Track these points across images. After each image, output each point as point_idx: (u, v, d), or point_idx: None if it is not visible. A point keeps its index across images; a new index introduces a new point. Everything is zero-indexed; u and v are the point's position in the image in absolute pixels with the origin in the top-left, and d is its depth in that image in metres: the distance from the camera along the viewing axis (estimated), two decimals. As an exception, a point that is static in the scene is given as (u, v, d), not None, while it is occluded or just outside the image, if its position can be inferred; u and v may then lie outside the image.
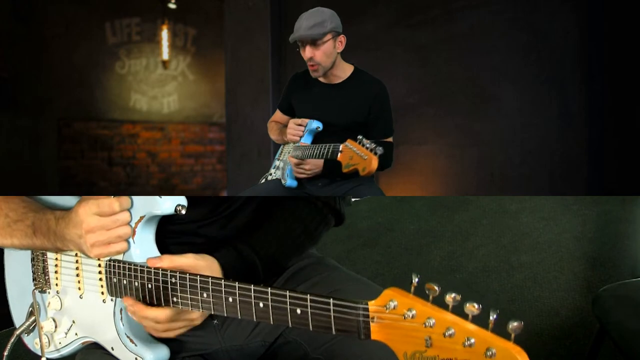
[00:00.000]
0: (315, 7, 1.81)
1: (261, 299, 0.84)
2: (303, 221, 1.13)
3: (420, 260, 2.74)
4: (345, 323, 0.76)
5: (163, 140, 5.63)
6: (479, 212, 3.11)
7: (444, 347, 0.68)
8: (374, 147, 1.39)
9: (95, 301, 1.06)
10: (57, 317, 1.13)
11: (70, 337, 1.12)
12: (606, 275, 2.47)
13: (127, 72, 5.46)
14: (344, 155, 1.50)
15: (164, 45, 5.49)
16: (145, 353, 1.01)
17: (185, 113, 5.72)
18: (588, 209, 2.93)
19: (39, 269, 1.13)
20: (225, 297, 0.88)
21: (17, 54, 4.81)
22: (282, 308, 0.81)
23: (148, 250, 1.01)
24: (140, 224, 0.99)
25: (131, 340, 1.02)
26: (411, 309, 0.71)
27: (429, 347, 0.69)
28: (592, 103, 2.50)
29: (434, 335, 0.69)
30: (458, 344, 0.67)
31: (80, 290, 1.09)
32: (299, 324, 0.80)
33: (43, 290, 1.13)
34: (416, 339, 0.70)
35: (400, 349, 0.72)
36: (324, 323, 0.78)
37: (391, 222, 3.19)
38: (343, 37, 1.77)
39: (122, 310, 1.03)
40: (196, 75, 5.74)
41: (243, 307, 0.86)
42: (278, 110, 2.07)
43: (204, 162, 5.84)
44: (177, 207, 0.96)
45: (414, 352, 0.71)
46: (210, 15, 5.48)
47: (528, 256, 2.65)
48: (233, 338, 1.13)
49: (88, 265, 1.07)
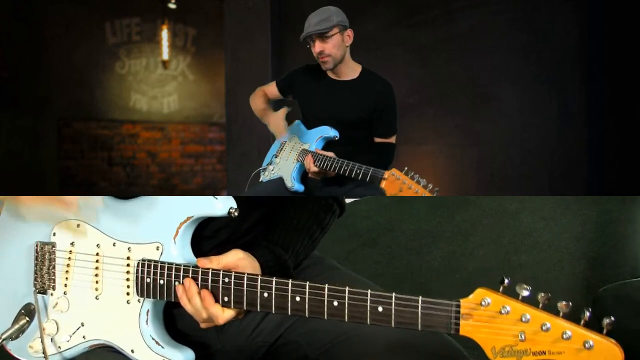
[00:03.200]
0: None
1: (336, 298, 0.85)
2: (315, 215, 1.15)
3: (420, 260, 2.74)
4: (433, 320, 0.79)
5: (163, 140, 5.63)
6: (479, 212, 3.10)
7: (537, 341, 0.74)
8: (431, 187, 1.41)
9: (117, 302, 1.03)
10: (60, 319, 1.09)
11: (75, 340, 1.08)
12: (606, 275, 2.46)
13: (127, 72, 5.46)
14: (390, 185, 1.49)
15: (164, 45, 5.49)
16: (174, 355, 1.00)
17: (185, 113, 5.72)
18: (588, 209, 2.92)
19: (42, 269, 1.09)
20: (292, 297, 0.88)
21: (17, 54, 4.81)
22: (362, 306, 0.84)
23: (185, 251, 1.00)
24: (185, 225, 0.98)
25: (157, 342, 1.00)
26: (506, 306, 0.75)
27: (522, 341, 0.74)
28: (592, 103, 2.50)
29: (528, 330, 0.74)
30: (554, 337, 0.73)
31: (98, 290, 1.05)
32: (378, 321, 0.83)
33: (44, 291, 1.10)
34: (509, 334, 0.75)
35: (489, 344, 0.77)
36: (409, 320, 0.81)
37: (391, 222, 3.19)
38: (350, 31, 1.83)
39: (148, 311, 1.01)
40: (196, 75, 5.74)
41: (312, 305, 0.87)
42: (275, 84, 2.08)
43: (204, 162, 5.84)
44: (230, 208, 0.96)
45: (504, 345, 0.76)
46: (210, 15, 5.48)
47: (528, 256, 2.65)
48: (234, 339, 1.12)
49: (112, 265, 1.04)
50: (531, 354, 0.74)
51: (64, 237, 1.08)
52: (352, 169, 1.62)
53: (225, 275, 0.93)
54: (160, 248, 1.00)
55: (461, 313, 0.78)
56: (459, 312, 0.78)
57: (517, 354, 0.75)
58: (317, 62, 1.88)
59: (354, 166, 1.62)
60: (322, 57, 1.81)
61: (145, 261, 1.00)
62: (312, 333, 1.06)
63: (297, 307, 0.88)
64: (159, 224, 1.00)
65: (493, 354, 0.76)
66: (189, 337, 1.09)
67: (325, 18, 1.77)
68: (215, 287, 0.94)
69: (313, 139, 1.85)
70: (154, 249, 1.00)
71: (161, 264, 0.98)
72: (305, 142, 1.88)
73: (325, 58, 1.81)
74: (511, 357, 0.75)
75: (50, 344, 1.09)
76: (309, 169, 1.77)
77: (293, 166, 1.86)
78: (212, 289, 0.94)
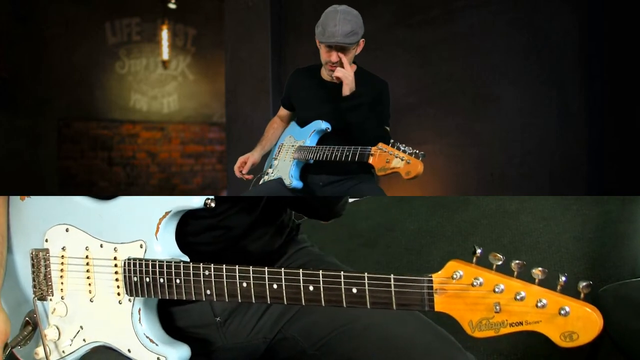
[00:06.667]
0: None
1: (311, 282, 0.84)
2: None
3: (420, 260, 2.74)
4: (407, 297, 0.78)
5: (163, 140, 5.63)
6: (479, 212, 3.10)
7: (513, 312, 0.71)
8: (416, 152, 1.42)
9: (110, 303, 1.04)
10: (60, 324, 1.09)
11: (76, 344, 1.08)
12: (606, 275, 2.46)
13: (127, 72, 5.46)
14: (377, 159, 1.50)
15: (164, 45, 5.49)
16: (168, 352, 1.00)
17: (185, 113, 5.72)
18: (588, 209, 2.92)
19: (39, 275, 1.10)
20: (269, 284, 0.88)
21: (17, 54, 4.82)
22: (337, 289, 0.83)
23: (169, 247, 1.00)
24: (164, 220, 0.99)
25: (151, 340, 1.01)
26: (478, 277, 0.73)
27: (497, 313, 0.72)
28: (592, 103, 2.50)
29: (503, 301, 0.72)
30: (529, 306, 0.70)
31: (92, 293, 1.06)
32: (354, 302, 0.82)
33: (44, 297, 1.10)
34: (484, 306, 0.73)
35: (466, 318, 0.75)
36: (384, 299, 0.79)
37: (391, 222, 3.19)
38: (363, 40, 1.78)
39: (140, 310, 1.01)
40: (196, 75, 5.74)
41: (289, 292, 0.87)
42: (281, 105, 2.08)
43: (204, 162, 5.84)
44: (206, 199, 0.97)
45: (481, 319, 0.73)
46: (210, 15, 5.48)
47: (528, 256, 2.65)
48: (235, 335, 1.13)
49: (102, 267, 1.04)
50: (508, 325, 0.72)
51: (55, 242, 1.08)
52: (342, 153, 1.63)
53: (205, 268, 0.93)
54: (143, 246, 1.00)
55: (434, 288, 0.76)
56: (432, 288, 0.76)
57: (495, 327, 0.72)
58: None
59: (344, 149, 1.63)
60: (331, 66, 1.75)
61: (131, 260, 1.00)
62: (308, 328, 1.06)
63: (275, 295, 0.88)
64: (139, 222, 1.01)
65: (471, 329, 0.74)
66: (190, 335, 1.09)
67: (354, 31, 1.70)
68: (196, 281, 0.94)
69: (307, 134, 1.84)
70: (138, 247, 1.01)
71: (146, 261, 0.98)
72: (300, 140, 1.88)
73: (334, 68, 1.74)
74: (489, 331, 0.73)
75: (54, 350, 1.10)
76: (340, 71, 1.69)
77: (290, 164, 1.87)
78: (194, 282, 0.94)
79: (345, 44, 1.70)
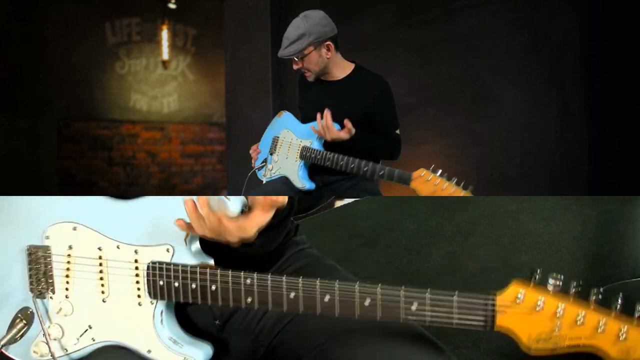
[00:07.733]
0: (315, 7, 1.80)
1: (368, 295, 0.86)
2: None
3: (420, 260, 2.74)
4: (468, 317, 0.80)
5: (163, 140, 5.63)
6: (479, 212, 3.10)
7: (572, 333, 0.75)
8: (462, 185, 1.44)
9: (127, 304, 1.02)
10: (64, 322, 1.08)
11: (84, 342, 1.07)
12: (606, 275, 2.46)
13: (127, 72, 5.46)
14: (421, 187, 1.50)
15: (164, 45, 5.49)
16: (193, 352, 1.00)
17: (185, 113, 5.72)
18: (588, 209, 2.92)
19: (38, 273, 1.08)
20: (320, 298, 0.88)
21: (17, 54, 4.82)
22: (394, 306, 0.84)
23: (197, 252, 0.99)
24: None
25: (175, 341, 1.00)
26: (540, 299, 0.77)
27: (556, 333, 0.76)
28: (592, 103, 2.50)
29: (564, 322, 0.75)
30: (589, 328, 0.74)
31: (104, 293, 1.04)
32: (413, 315, 0.84)
33: (42, 295, 1.08)
34: (544, 325, 0.76)
35: (525, 332, 0.78)
36: (444, 318, 0.81)
37: (391, 222, 3.19)
38: (329, 42, 1.75)
39: (162, 312, 1.01)
40: (196, 75, 5.74)
41: (343, 307, 0.88)
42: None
43: (204, 162, 5.84)
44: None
45: (540, 332, 0.77)
46: (210, 15, 5.48)
47: (528, 256, 2.65)
48: (237, 338, 1.12)
49: (119, 269, 1.02)
50: (566, 346, 0.76)
51: (59, 240, 1.06)
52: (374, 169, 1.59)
53: (246, 277, 0.92)
54: (170, 250, 0.98)
55: (496, 310, 0.79)
56: (494, 309, 0.79)
57: (553, 345, 0.76)
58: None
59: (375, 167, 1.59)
60: (303, 72, 1.81)
61: (156, 264, 0.98)
62: (305, 334, 1.06)
63: (326, 308, 0.89)
64: (167, 225, 0.98)
65: (528, 345, 0.77)
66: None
67: (295, 40, 1.72)
68: (236, 290, 0.93)
69: (311, 134, 1.81)
70: (164, 250, 0.99)
71: (174, 266, 0.97)
72: (303, 138, 1.84)
73: (306, 73, 1.81)
74: (546, 346, 0.77)
75: (57, 348, 1.08)
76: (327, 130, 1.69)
77: (297, 165, 1.83)
78: (234, 292, 0.93)
79: (285, 55, 1.75)
